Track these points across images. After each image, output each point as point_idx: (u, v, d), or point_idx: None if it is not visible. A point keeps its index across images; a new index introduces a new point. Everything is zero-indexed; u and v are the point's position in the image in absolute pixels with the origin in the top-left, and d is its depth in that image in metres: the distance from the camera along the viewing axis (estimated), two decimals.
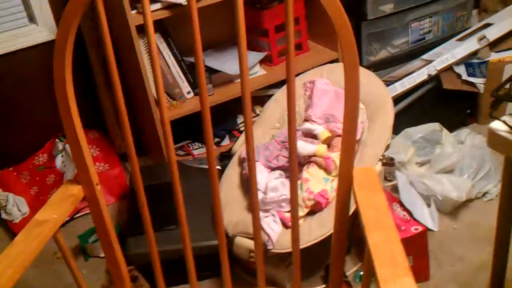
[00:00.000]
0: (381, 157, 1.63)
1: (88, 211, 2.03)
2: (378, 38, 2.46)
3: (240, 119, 2.39)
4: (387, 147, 1.65)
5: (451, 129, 2.18)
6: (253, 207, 1.07)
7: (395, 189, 1.90)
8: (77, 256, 1.95)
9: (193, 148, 2.34)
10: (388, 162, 1.88)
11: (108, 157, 2.33)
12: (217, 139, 2.35)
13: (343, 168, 1.05)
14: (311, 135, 1.76)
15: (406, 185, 1.85)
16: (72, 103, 1.04)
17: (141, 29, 1.89)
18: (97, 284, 1.80)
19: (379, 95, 1.79)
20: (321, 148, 1.66)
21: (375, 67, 2.42)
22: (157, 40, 2.07)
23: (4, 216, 2.16)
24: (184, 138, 2.38)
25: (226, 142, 2.34)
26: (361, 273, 1.64)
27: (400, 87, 2.30)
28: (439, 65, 2.32)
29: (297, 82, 1.78)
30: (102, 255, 1.88)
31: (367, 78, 1.82)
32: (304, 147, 1.66)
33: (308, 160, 1.68)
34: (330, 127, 1.75)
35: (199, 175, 2.00)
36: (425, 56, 2.47)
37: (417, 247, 1.60)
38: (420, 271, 1.62)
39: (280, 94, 1.97)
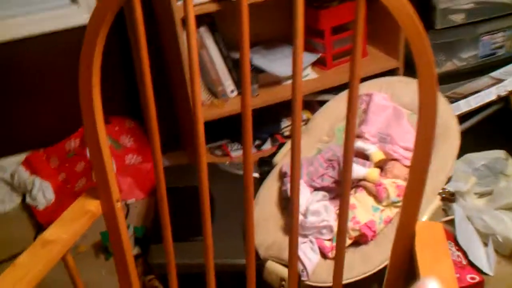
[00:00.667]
0: (441, 191, 1.44)
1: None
2: (445, 49, 2.25)
3: (284, 123, 2.23)
4: (449, 180, 1.47)
5: None
6: (292, 233, 0.91)
7: (450, 222, 1.70)
8: (98, 254, 1.85)
9: (231, 148, 2.19)
10: (449, 198, 1.68)
11: (142, 149, 2.20)
12: (257, 142, 2.19)
13: (405, 219, 0.88)
14: (362, 155, 1.58)
15: (464, 220, 1.65)
16: (98, 113, 0.92)
17: None
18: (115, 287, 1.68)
19: (443, 118, 1.59)
20: (373, 172, 1.49)
21: (439, 80, 2.20)
22: (203, 34, 1.91)
23: (28, 200, 2.07)
24: (223, 136, 2.23)
25: (267, 146, 2.19)
26: None
27: (464, 106, 2.09)
28: (510, 85, 2.10)
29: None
30: None
31: None
32: (354, 169, 1.49)
33: (356, 183, 1.51)
34: (385, 148, 1.57)
35: (235, 181, 1.85)
36: (494, 74, 2.24)
37: None
38: None
39: (333, 104, 1.79)
